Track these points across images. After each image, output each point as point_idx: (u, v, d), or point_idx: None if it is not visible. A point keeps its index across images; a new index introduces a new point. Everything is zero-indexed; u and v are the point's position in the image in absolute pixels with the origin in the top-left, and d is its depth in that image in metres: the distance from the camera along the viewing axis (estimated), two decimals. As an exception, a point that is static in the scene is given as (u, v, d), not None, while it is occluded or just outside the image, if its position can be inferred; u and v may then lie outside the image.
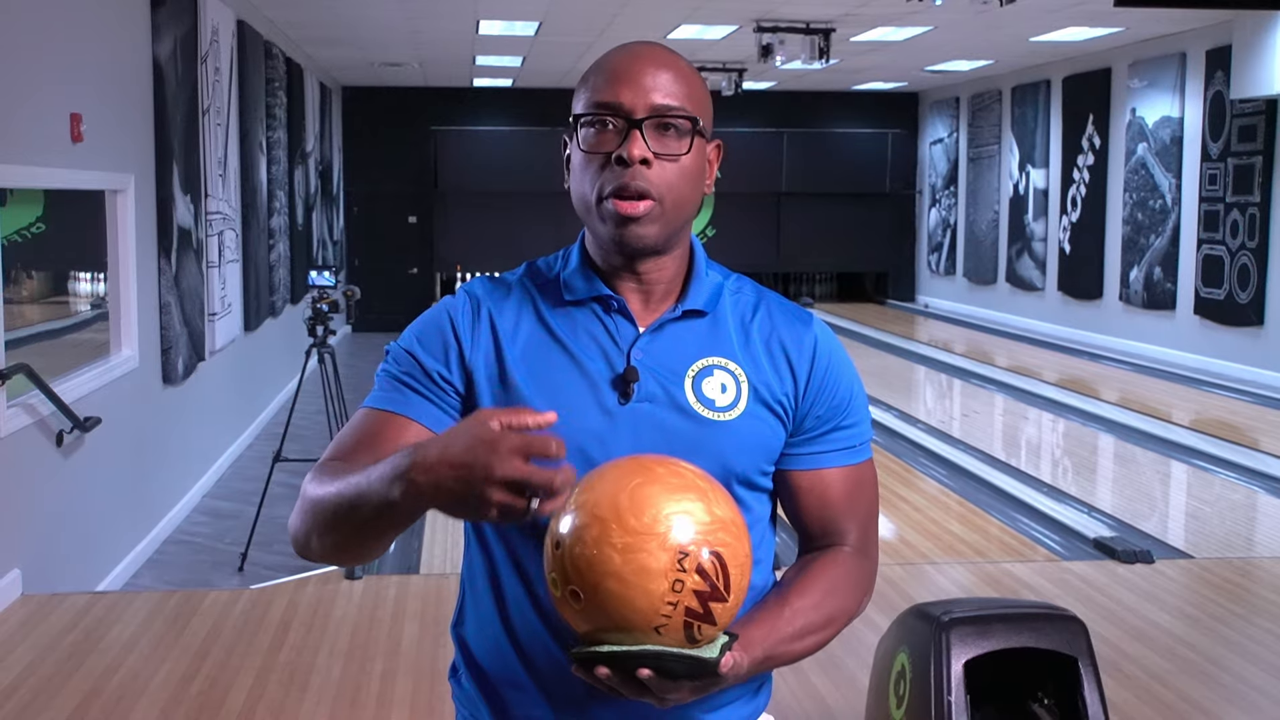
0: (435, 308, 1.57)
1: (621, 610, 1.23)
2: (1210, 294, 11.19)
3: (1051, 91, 14.13)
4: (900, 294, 18.14)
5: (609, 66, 1.48)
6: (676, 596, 1.23)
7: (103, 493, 5.67)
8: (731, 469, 1.50)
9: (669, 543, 1.23)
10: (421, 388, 1.51)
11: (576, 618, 1.27)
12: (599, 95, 1.46)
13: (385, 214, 16.52)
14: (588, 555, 1.23)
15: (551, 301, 1.54)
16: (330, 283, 6.57)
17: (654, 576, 1.22)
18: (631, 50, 1.50)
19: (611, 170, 1.45)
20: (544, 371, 1.49)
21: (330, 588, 4.79)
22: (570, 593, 1.25)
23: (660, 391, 1.49)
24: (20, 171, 4.92)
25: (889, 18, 10.51)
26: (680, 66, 1.49)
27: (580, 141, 1.48)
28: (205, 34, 7.57)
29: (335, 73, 14.74)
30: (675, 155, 1.46)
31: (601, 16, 10.35)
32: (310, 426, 8.42)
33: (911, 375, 12.03)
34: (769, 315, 1.57)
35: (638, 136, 1.44)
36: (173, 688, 3.87)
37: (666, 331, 1.52)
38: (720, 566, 1.24)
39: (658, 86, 1.46)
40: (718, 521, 1.26)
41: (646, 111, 1.45)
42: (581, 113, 1.48)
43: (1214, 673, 4.04)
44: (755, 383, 1.52)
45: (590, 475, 1.31)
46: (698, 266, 1.56)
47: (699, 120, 1.48)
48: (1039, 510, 6.44)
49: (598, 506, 1.25)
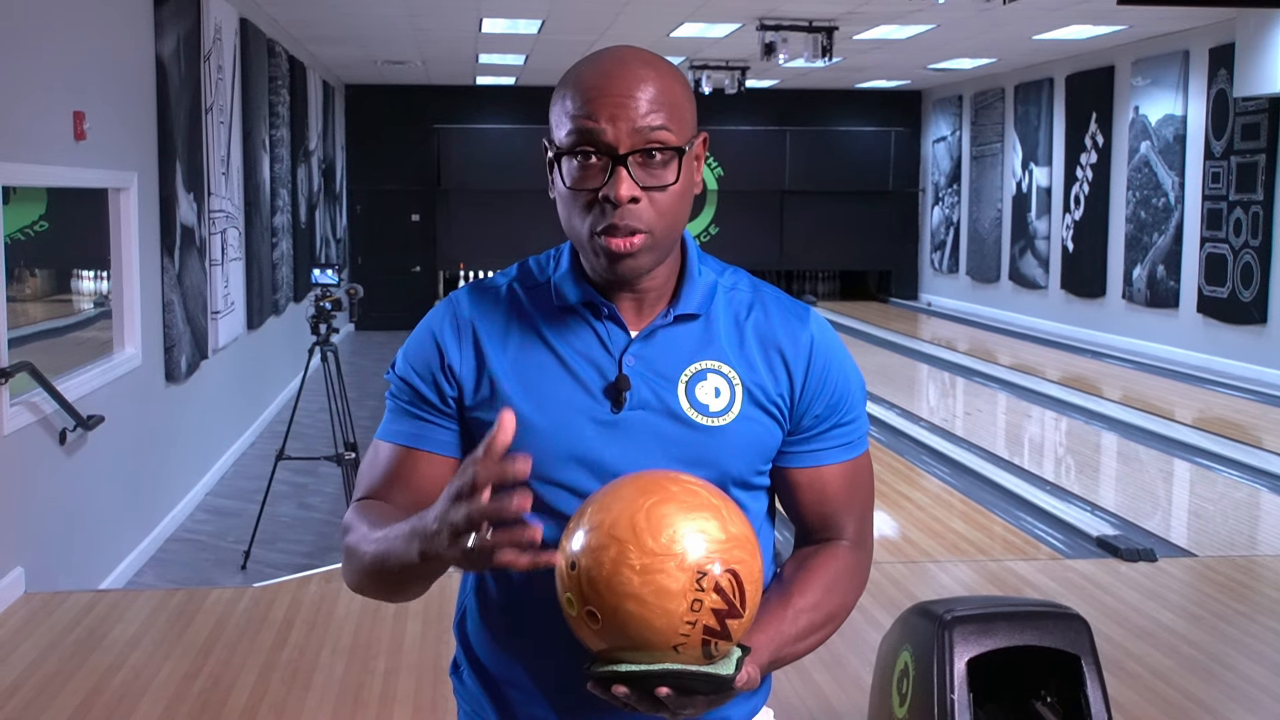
0: (421, 327, 1.56)
1: (641, 631, 1.23)
2: (1213, 292, 11.18)
3: (1054, 89, 14.12)
4: (903, 292, 18.13)
5: (584, 86, 1.41)
6: (695, 616, 1.23)
7: (106, 491, 5.67)
8: (728, 473, 1.49)
9: (687, 563, 1.22)
10: (426, 415, 1.52)
11: (593, 637, 1.27)
12: (578, 123, 1.39)
13: (388, 212, 16.53)
14: (605, 576, 1.23)
15: (542, 307, 1.52)
16: (333, 281, 6.57)
17: (673, 597, 1.22)
18: (607, 63, 1.42)
19: (600, 209, 1.40)
20: (535, 381, 1.48)
21: (333, 586, 4.79)
22: (587, 613, 1.25)
23: (653, 398, 1.47)
24: (23, 169, 4.92)
25: (892, 16, 10.50)
26: (659, 76, 1.42)
27: (564, 175, 1.42)
28: (208, 32, 7.57)
29: (338, 71, 14.74)
30: (663, 186, 1.41)
31: (604, 14, 10.34)
32: (313, 425, 8.42)
33: (914, 373, 12.02)
34: (765, 313, 1.55)
35: (624, 175, 1.38)
36: (175, 686, 3.87)
37: (658, 337, 1.50)
38: (737, 584, 1.24)
39: (638, 109, 1.38)
40: (733, 539, 1.26)
41: (630, 143, 1.38)
42: (562, 146, 1.41)
43: (1217, 671, 4.04)
44: (749, 385, 1.50)
45: (603, 493, 1.30)
46: (690, 266, 1.53)
47: (685, 149, 1.42)
48: (1042, 508, 6.44)
49: (615, 527, 1.24)
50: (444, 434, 1.52)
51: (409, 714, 3.67)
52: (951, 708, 1.79)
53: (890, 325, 15.15)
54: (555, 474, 1.45)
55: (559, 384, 1.47)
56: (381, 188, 16.47)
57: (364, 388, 10.52)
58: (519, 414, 1.45)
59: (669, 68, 1.46)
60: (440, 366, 1.51)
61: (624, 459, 1.44)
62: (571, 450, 1.45)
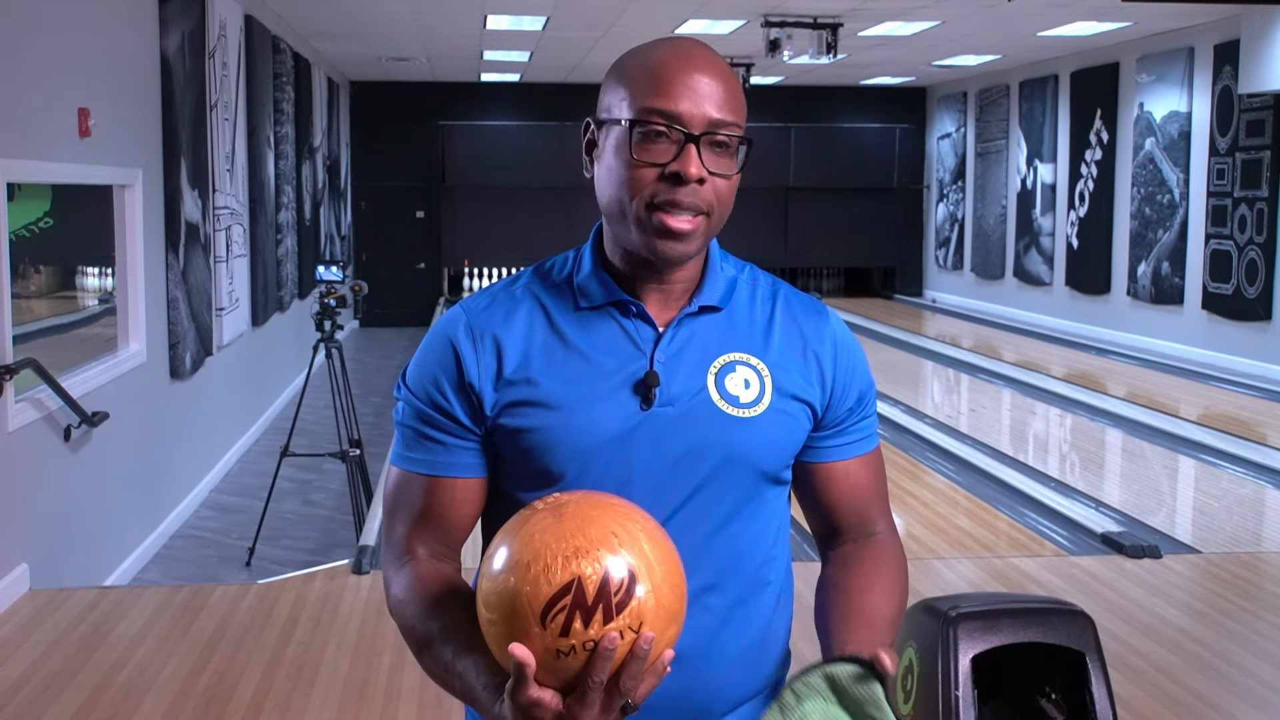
0: (433, 336, 1.52)
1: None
2: (1218, 289, 11.17)
3: (1059, 86, 14.10)
4: (907, 289, 18.12)
5: (660, 67, 1.41)
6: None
7: (110, 487, 5.68)
8: (760, 466, 1.48)
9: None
10: (443, 437, 1.49)
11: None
12: (652, 100, 1.39)
13: (393, 209, 16.53)
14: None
15: (565, 308, 1.49)
16: (338, 278, 6.57)
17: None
18: (682, 52, 1.43)
19: (665, 183, 1.40)
20: (562, 382, 1.45)
21: (338, 582, 4.80)
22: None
23: (683, 392, 1.46)
24: (28, 166, 4.92)
25: (896, 12, 10.49)
26: (729, 75, 1.44)
27: (630, 145, 1.40)
28: (213, 29, 7.57)
29: (343, 67, 14.74)
30: (727, 174, 1.42)
31: (609, 11, 10.33)
32: (318, 421, 8.43)
33: (919, 370, 12.02)
34: (787, 307, 1.55)
35: (694, 153, 1.39)
36: (180, 682, 3.88)
37: (685, 329, 1.49)
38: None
39: (713, 98, 1.40)
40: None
41: (704, 126, 1.39)
42: (634, 118, 1.40)
43: (1221, 667, 4.04)
44: (778, 377, 1.50)
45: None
46: (712, 260, 1.53)
47: (752, 141, 1.44)
48: (1046, 505, 6.43)
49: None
50: (466, 455, 1.49)
51: (414, 709, 3.67)
52: (956, 704, 1.77)
53: (895, 322, 15.14)
54: (583, 472, 1.44)
55: (587, 383, 1.46)
56: (386, 184, 16.47)
57: (368, 384, 10.53)
58: (548, 415, 1.44)
59: (732, 69, 1.47)
60: (458, 376, 1.47)
61: (656, 456, 1.44)
62: (602, 449, 1.44)
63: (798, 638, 1.61)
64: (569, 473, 1.44)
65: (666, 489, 1.45)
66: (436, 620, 1.39)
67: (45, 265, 6.04)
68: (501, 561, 1.22)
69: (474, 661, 1.30)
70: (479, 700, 1.29)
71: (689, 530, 1.43)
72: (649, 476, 1.44)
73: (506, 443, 1.47)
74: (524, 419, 1.45)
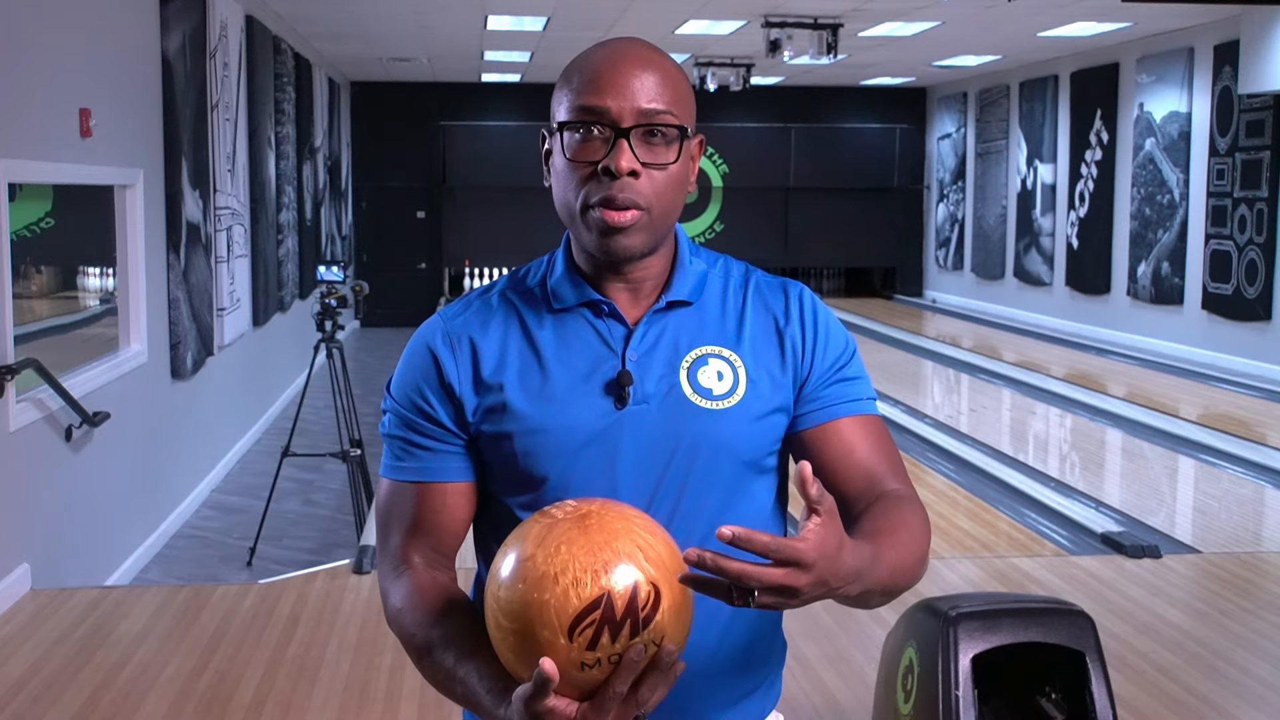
0: (412, 346, 1.54)
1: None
2: (1218, 289, 11.17)
3: (1059, 86, 14.11)
4: (908, 289, 18.12)
5: (592, 67, 1.43)
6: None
7: (111, 487, 5.69)
8: (740, 455, 1.49)
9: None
10: (430, 443, 1.50)
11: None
12: (583, 99, 1.42)
13: (394, 209, 16.54)
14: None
15: (538, 312, 1.52)
16: (339, 278, 6.58)
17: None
18: (614, 50, 1.45)
19: (598, 180, 1.41)
20: (538, 385, 1.47)
21: (339, 582, 4.80)
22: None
23: (656, 389, 1.47)
24: (30, 166, 4.93)
25: (897, 13, 10.50)
26: (665, 66, 1.45)
27: (564, 148, 1.43)
28: (214, 29, 7.58)
29: (344, 68, 14.75)
30: (663, 165, 1.43)
31: (610, 11, 10.34)
32: (319, 421, 8.43)
33: (919, 370, 12.02)
34: (758, 293, 1.56)
35: (625, 147, 1.40)
36: (181, 682, 3.88)
37: (655, 326, 1.50)
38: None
39: (644, 90, 1.41)
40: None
41: (633, 119, 1.40)
42: (565, 119, 1.43)
43: (1221, 667, 4.04)
44: (751, 365, 1.51)
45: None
46: (681, 256, 1.54)
47: (687, 129, 1.45)
48: (1046, 505, 6.43)
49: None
50: (454, 459, 1.50)
51: (414, 709, 3.68)
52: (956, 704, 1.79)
53: (895, 322, 15.15)
54: (566, 476, 1.45)
55: (562, 385, 1.47)
56: (387, 184, 16.48)
57: (369, 384, 10.52)
58: (525, 420, 1.46)
59: (673, 62, 1.48)
60: (439, 381, 1.49)
61: (635, 454, 1.45)
62: (583, 451, 1.45)
63: (798, 637, 1.62)
64: (551, 476, 1.45)
65: (654, 487, 1.46)
66: (437, 628, 1.40)
67: (46, 265, 6.05)
68: (525, 572, 1.21)
69: (476, 667, 1.32)
70: (482, 705, 1.30)
71: (685, 527, 1.44)
72: (634, 476, 1.45)
73: (490, 448, 1.49)
74: (503, 425, 1.47)
